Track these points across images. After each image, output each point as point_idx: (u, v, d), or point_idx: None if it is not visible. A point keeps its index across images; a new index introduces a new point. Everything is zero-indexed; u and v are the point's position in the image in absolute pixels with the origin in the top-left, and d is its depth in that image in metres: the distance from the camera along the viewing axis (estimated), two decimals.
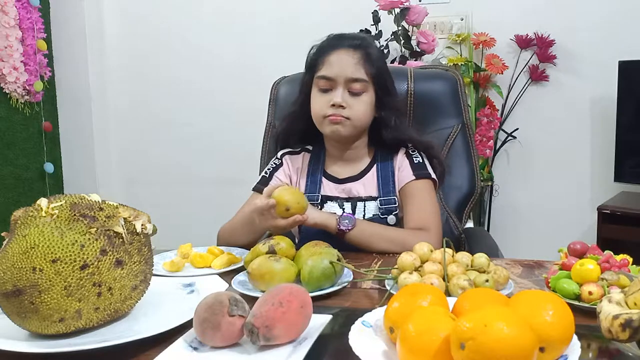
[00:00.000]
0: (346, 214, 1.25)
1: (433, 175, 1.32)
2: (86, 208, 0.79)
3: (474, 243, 1.43)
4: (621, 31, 2.33)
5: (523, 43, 2.45)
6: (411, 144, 1.36)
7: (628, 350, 0.69)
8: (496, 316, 0.58)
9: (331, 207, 1.32)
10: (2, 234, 0.81)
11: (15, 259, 0.73)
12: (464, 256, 0.94)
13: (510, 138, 2.52)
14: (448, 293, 0.87)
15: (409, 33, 2.41)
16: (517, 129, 2.51)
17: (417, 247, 0.96)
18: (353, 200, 1.32)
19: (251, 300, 0.82)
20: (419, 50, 2.40)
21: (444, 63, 2.47)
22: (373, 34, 2.39)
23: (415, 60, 2.37)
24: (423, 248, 0.95)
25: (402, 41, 2.40)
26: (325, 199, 1.33)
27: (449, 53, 2.56)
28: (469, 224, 1.57)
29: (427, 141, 1.37)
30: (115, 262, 0.78)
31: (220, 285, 0.95)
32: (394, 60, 2.44)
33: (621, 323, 0.63)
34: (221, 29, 2.83)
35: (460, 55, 2.51)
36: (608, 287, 0.81)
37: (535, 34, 2.43)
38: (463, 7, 2.54)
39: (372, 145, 1.38)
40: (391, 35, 2.42)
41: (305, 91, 1.34)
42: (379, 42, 2.40)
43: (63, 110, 2.93)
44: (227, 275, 1.03)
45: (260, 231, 1.26)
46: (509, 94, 2.51)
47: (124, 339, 0.73)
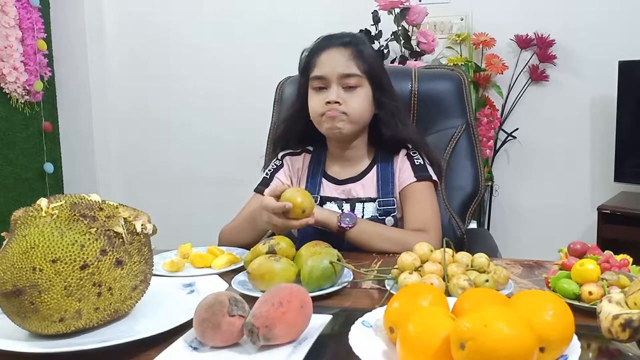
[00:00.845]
0: (348, 212, 1.25)
1: (434, 177, 1.32)
2: (86, 208, 0.79)
3: (474, 243, 1.43)
4: (621, 31, 2.33)
5: (523, 43, 2.45)
6: (410, 145, 1.36)
7: (628, 350, 0.69)
8: (496, 316, 0.58)
9: (330, 208, 1.32)
10: (2, 234, 0.81)
11: (15, 259, 0.73)
12: (464, 256, 0.94)
13: (510, 138, 2.52)
14: (448, 293, 0.87)
15: (409, 33, 2.41)
16: (517, 129, 2.51)
17: (417, 247, 0.96)
18: (352, 201, 1.32)
19: (251, 300, 0.82)
20: (419, 50, 2.40)
21: (444, 63, 2.46)
22: (373, 34, 2.39)
23: (415, 60, 2.37)
24: (423, 248, 0.95)
25: (402, 41, 2.40)
26: (324, 199, 1.34)
27: (449, 53, 2.56)
28: (472, 224, 1.57)
29: (426, 142, 1.37)
30: (115, 262, 0.78)
31: (220, 285, 0.95)
32: (394, 61, 2.44)
33: (621, 323, 0.63)
34: (221, 29, 2.83)
35: (460, 55, 2.51)
36: (608, 287, 0.81)
37: (535, 34, 2.43)
38: (463, 7, 2.53)
39: (372, 146, 1.38)
40: (391, 35, 2.42)
41: (302, 94, 1.34)
42: (379, 42, 2.40)
43: (63, 110, 2.92)
44: (227, 275, 1.03)
45: (262, 231, 1.26)
46: (509, 94, 2.51)
47: (124, 339, 0.73)
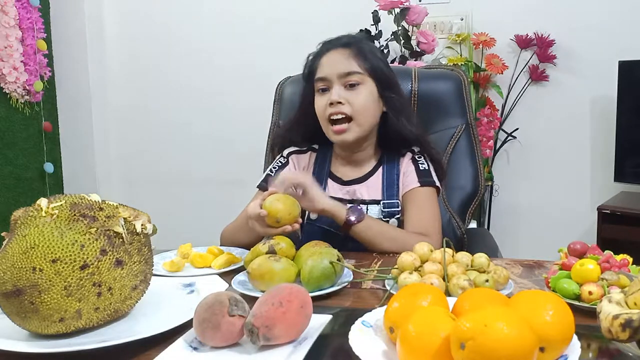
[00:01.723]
0: (356, 205, 1.24)
1: (437, 183, 1.33)
2: (86, 208, 0.79)
3: (474, 243, 1.43)
4: (621, 31, 2.33)
5: (523, 43, 2.45)
6: (417, 146, 1.36)
7: (628, 350, 0.69)
8: (496, 316, 0.58)
9: None
10: (2, 234, 0.81)
11: (15, 259, 0.73)
12: (464, 256, 0.94)
13: (510, 138, 2.52)
14: (448, 293, 0.87)
15: (409, 33, 2.41)
16: (517, 129, 2.51)
17: (417, 247, 0.96)
18: (356, 202, 1.32)
19: (251, 300, 0.82)
20: (419, 50, 2.40)
21: (444, 63, 2.46)
22: (373, 34, 2.39)
23: (415, 60, 2.37)
24: (423, 248, 0.95)
25: (402, 41, 2.40)
26: None
27: (449, 53, 2.56)
28: (472, 224, 1.57)
29: (431, 142, 1.37)
30: (115, 262, 0.78)
31: (220, 285, 0.95)
32: (393, 60, 2.44)
33: (621, 323, 0.63)
34: (221, 29, 2.83)
35: (460, 55, 2.51)
36: (608, 287, 0.81)
37: (535, 34, 2.43)
38: (463, 7, 2.53)
39: (379, 147, 1.38)
40: (391, 35, 2.42)
41: (306, 98, 1.35)
42: (379, 42, 2.40)
43: (63, 110, 2.92)
44: (227, 275, 1.03)
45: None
46: (509, 94, 2.51)
47: (124, 339, 0.73)
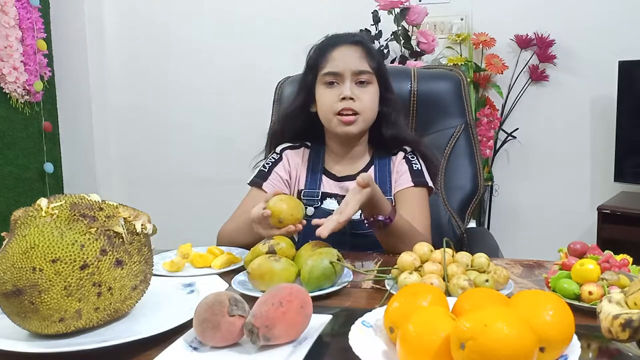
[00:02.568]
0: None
1: (430, 183, 1.34)
2: (86, 208, 0.79)
3: (474, 243, 1.43)
4: (621, 31, 2.33)
5: (523, 43, 2.45)
6: (409, 146, 1.37)
7: (628, 350, 0.69)
8: (496, 316, 0.58)
9: (330, 204, 1.33)
10: (2, 234, 0.81)
11: (15, 259, 0.73)
12: (464, 256, 0.94)
13: (510, 138, 2.52)
14: (448, 293, 0.87)
15: (409, 33, 2.41)
16: (517, 129, 2.51)
17: (417, 247, 0.96)
18: None
19: (251, 300, 0.82)
20: (419, 50, 2.40)
21: (444, 63, 2.46)
22: (373, 34, 2.39)
23: (415, 60, 2.37)
24: (423, 248, 0.95)
25: (402, 41, 2.40)
26: (324, 195, 1.34)
27: (449, 53, 2.56)
28: (472, 224, 1.57)
29: (423, 142, 1.39)
30: (115, 262, 0.78)
31: (220, 285, 0.95)
32: (393, 60, 2.44)
33: (621, 323, 0.63)
34: (221, 29, 2.83)
35: (460, 55, 2.51)
36: (608, 287, 0.81)
37: (535, 34, 2.43)
38: (463, 7, 2.53)
39: (371, 144, 1.39)
40: (391, 35, 2.42)
41: (306, 91, 1.35)
42: (379, 42, 2.40)
43: (63, 110, 2.92)
44: (227, 275, 1.03)
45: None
46: (509, 94, 2.51)
47: (124, 339, 0.73)
